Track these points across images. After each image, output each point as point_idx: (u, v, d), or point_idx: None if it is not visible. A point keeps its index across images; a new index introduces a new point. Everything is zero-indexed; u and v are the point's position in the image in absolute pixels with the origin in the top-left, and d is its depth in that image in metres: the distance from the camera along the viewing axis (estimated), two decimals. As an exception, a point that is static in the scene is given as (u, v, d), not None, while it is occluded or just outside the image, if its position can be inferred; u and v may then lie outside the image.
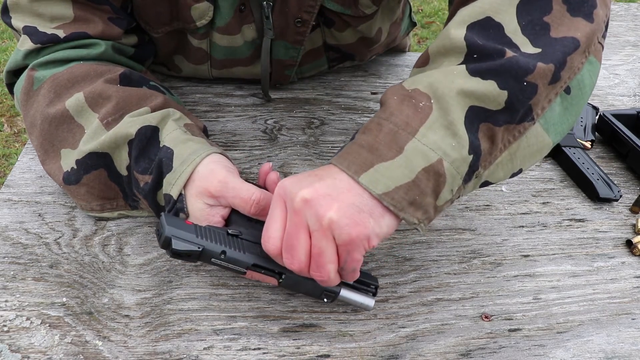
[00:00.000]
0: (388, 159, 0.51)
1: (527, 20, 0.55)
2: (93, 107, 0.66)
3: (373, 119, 0.54)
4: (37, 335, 0.57)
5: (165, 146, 0.62)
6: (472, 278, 0.68)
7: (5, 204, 0.71)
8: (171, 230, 0.54)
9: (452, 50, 0.55)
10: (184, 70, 0.90)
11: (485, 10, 0.55)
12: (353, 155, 0.53)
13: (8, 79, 0.74)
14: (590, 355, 0.60)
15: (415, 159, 0.51)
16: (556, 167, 0.86)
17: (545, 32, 0.55)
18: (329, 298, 0.58)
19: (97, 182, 0.66)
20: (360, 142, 0.53)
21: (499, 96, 0.52)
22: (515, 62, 0.52)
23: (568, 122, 0.58)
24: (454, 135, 0.51)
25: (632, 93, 1.06)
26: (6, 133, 2.20)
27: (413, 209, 0.52)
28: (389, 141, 0.52)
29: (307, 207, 0.50)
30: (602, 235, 0.75)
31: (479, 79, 0.52)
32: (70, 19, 0.70)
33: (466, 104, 0.52)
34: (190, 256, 0.54)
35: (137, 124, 0.63)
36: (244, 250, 0.56)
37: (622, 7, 1.41)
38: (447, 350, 0.60)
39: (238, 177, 0.61)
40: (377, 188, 0.50)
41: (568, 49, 0.54)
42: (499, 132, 0.54)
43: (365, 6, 0.82)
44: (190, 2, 0.76)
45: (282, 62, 0.88)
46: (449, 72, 0.53)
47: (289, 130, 0.87)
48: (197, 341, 0.58)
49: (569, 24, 0.55)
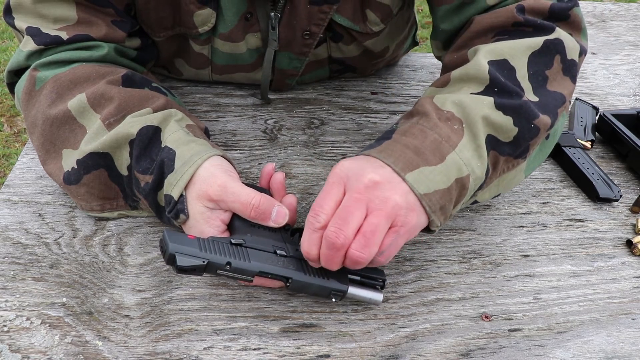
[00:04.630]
0: (432, 164, 0.56)
1: (534, 70, 0.63)
2: (95, 108, 0.66)
3: (415, 125, 0.60)
4: (37, 335, 0.57)
5: (167, 147, 0.62)
6: (472, 278, 0.68)
7: (5, 204, 0.71)
8: (175, 247, 0.54)
9: (475, 78, 0.62)
10: (185, 73, 0.91)
11: (504, 53, 0.63)
12: (398, 153, 0.57)
13: (9, 78, 0.74)
14: (590, 355, 0.60)
15: (452, 170, 0.57)
16: (556, 167, 0.86)
17: (544, 84, 0.64)
18: (337, 297, 0.58)
19: (98, 182, 0.66)
20: (405, 142, 0.58)
21: (510, 131, 0.60)
22: (528, 106, 0.61)
23: (539, 162, 0.69)
24: (479, 157, 0.59)
25: (632, 93, 1.06)
26: (6, 133, 2.20)
27: (440, 213, 0.57)
28: (433, 149, 0.57)
29: (374, 188, 0.54)
30: (602, 235, 0.75)
31: (501, 113, 0.60)
32: (73, 21, 0.70)
33: (486, 131, 0.60)
34: (195, 270, 0.54)
35: (138, 124, 0.63)
36: (249, 259, 0.56)
37: (622, 7, 1.41)
38: (447, 350, 0.60)
39: (238, 182, 0.61)
40: (420, 188, 0.55)
41: (558, 102, 0.64)
42: (501, 160, 0.62)
43: (374, 24, 0.83)
44: (192, 8, 0.75)
45: (284, 72, 0.88)
46: (478, 101, 0.60)
47: (289, 130, 0.87)
48: (197, 341, 0.58)
49: (560, 81, 0.65)
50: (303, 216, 0.73)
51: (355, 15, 0.81)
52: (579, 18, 0.69)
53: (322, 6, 0.77)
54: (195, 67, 0.88)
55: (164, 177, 0.62)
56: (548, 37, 0.65)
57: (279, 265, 0.57)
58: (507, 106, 0.60)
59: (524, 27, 0.66)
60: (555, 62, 0.64)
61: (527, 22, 0.66)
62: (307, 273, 0.58)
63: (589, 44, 1.21)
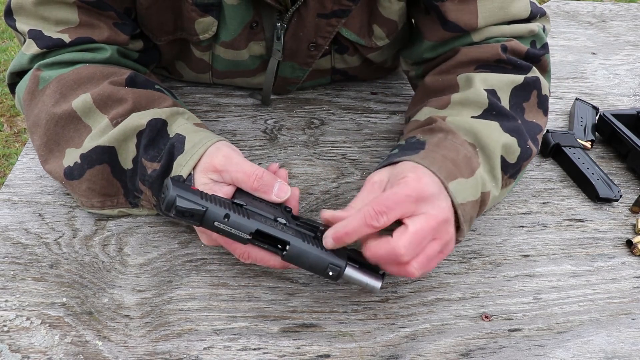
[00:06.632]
0: (466, 177, 0.61)
1: (514, 102, 0.71)
2: (101, 109, 0.66)
3: (444, 139, 0.64)
4: (37, 335, 0.57)
5: (177, 133, 0.64)
6: (472, 278, 0.68)
7: (5, 204, 0.71)
8: (176, 190, 0.53)
9: (474, 103, 0.68)
10: (185, 76, 0.91)
11: (493, 85, 0.70)
12: (440, 162, 0.60)
13: (10, 79, 0.74)
14: (590, 355, 0.60)
15: (480, 184, 0.62)
16: (556, 167, 0.86)
17: (522, 114, 0.71)
18: (335, 272, 0.56)
19: (100, 177, 0.66)
20: (443, 154, 0.62)
21: (516, 151, 0.67)
22: (523, 128, 0.68)
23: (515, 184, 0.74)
24: (493, 178, 0.65)
25: (632, 93, 1.06)
26: (6, 133, 2.20)
27: (468, 224, 0.61)
28: (466, 163, 0.62)
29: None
30: (602, 235, 0.75)
31: (509, 135, 0.66)
32: (75, 23, 0.70)
33: (499, 153, 0.65)
34: (193, 216, 0.53)
35: (147, 116, 0.64)
36: (248, 217, 0.55)
37: (622, 7, 1.42)
38: (447, 350, 0.60)
39: (243, 157, 0.62)
40: (458, 197, 0.59)
41: (536, 130, 0.72)
42: (504, 179, 0.68)
43: (379, 38, 0.83)
44: (194, 15, 0.75)
45: (286, 80, 0.88)
46: (487, 126, 0.66)
47: (289, 130, 0.87)
48: (197, 341, 0.58)
49: (535, 113, 0.73)
50: (304, 216, 0.73)
51: (361, 29, 0.81)
52: (547, 62, 0.78)
53: (330, 19, 0.77)
54: (195, 71, 0.88)
55: (172, 161, 0.62)
56: (527, 75, 0.73)
57: (278, 229, 0.56)
58: (512, 128, 0.67)
59: (505, 64, 0.73)
60: (532, 96, 0.73)
61: (508, 60, 0.73)
62: (306, 242, 0.56)
63: (589, 44, 1.22)
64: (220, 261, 0.66)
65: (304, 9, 0.75)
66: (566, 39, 1.24)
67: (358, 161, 0.83)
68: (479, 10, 0.73)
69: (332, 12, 0.76)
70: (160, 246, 0.68)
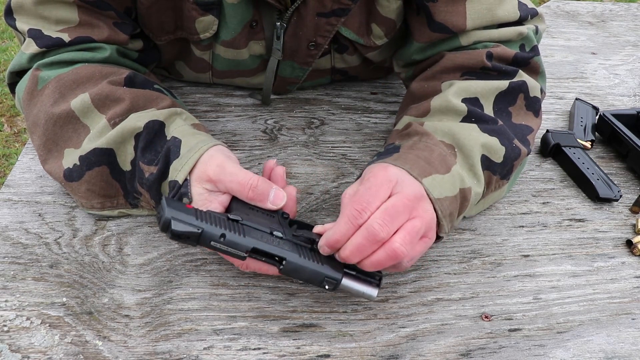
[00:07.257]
0: (441, 173, 0.62)
1: (499, 107, 0.72)
2: (99, 109, 0.66)
3: (418, 141, 0.66)
4: (37, 335, 0.57)
5: (174, 136, 0.64)
6: (472, 278, 0.68)
7: (5, 204, 0.71)
8: (171, 212, 0.53)
9: (453, 111, 0.69)
10: (185, 75, 0.91)
11: (477, 92, 0.71)
12: (412, 162, 0.61)
13: (10, 79, 0.74)
14: (590, 355, 0.60)
15: (457, 180, 0.63)
16: (556, 167, 0.86)
17: (509, 118, 0.72)
18: (331, 285, 0.57)
19: (99, 179, 0.66)
20: (416, 154, 0.63)
21: (500, 150, 0.67)
22: (505, 128, 0.69)
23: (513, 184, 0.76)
24: (474, 175, 0.65)
25: (632, 93, 1.06)
26: (6, 133, 2.20)
27: (449, 220, 0.62)
28: (440, 161, 0.63)
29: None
30: (602, 235, 0.75)
31: (487, 135, 0.67)
32: (75, 23, 0.70)
33: (480, 152, 0.66)
34: (189, 238, 0.53)
35: (145, 118, 0.64)
36: (244, 234, 0.55)
37: (622, 7, 1.42)
38: (447, 350, 0.60)
39: (237, 164, 0.62)
40: (434, 192, 0.60)
41: (525, 131, 0.72)
42: (493, 180, 0.69)
43: (378, 37, 0.83)
44: (194, 14, 0.75)
45: (286, 79, 0.88)
46: (464, 127, 0.67)
47: (289, 130, 0.87)
48: (197, 341, 0.58)
49: (524, 116, 0.74)
50: (303, 216, 0.73)
51: (360, 28, 0.81)
52: (538, 64, 0.78)
53: (329, 18, 0.77)
54: (195, 71, 0.88)
55: (169, 165, 0.62)
56: (512, 79, 0.73)
57: (274, 244, 0.56)
58: (490, 129, 0.68)
59: (490, 71, 0.74)
60: (519, 100, 0.73)
61: (493, 67, 0.73)
62: (302, 256, 0.57)
63: (589, 44, 1.22)
64: (220, 261, 0.66)
65: (303, 8, 0.75)
66: (566, 39, 1.24)
67: (358, 161, 0.83)
68: (468, 12, 0.73)
69: (332, 11, 0.76)
70: (160, 246, 0.68)
